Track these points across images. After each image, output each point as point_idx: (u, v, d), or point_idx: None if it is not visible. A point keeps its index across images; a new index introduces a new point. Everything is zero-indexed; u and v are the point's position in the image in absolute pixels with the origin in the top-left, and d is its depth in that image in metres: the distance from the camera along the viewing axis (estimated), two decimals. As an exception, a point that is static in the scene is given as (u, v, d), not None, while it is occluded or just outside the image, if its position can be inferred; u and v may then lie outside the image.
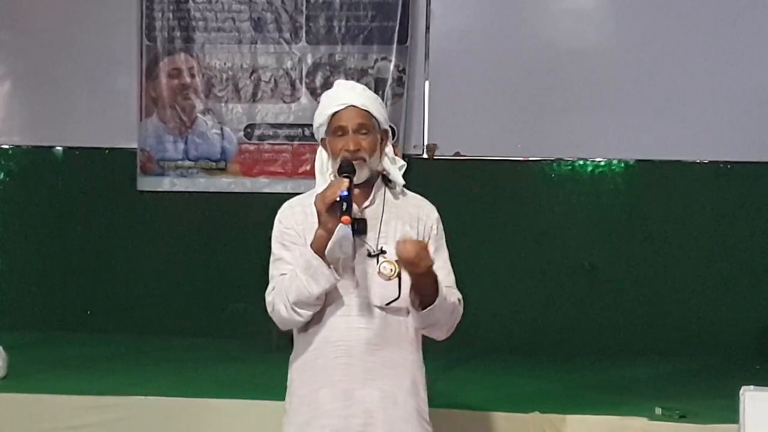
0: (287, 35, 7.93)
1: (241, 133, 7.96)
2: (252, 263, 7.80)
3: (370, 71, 7.80)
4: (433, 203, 3.68)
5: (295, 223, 3.59)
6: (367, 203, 3.57)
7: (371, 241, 3.52)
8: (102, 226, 8.09)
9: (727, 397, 4.35)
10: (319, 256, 3.40)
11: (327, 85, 7.84)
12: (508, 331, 7.59)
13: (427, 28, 7.78)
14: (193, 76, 7.98)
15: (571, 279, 7.65)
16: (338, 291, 3.48)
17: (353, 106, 3.58)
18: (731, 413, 4.12)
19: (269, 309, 3.56)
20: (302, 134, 7.89)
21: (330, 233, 3.39)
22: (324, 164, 3.66)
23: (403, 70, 7.73)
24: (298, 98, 7.93)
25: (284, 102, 7.93)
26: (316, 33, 7.90)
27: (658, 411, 5.21)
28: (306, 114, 7.88)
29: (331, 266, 3.42)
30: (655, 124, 7.56)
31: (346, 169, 3.47)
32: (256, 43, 7.95)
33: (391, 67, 7.77)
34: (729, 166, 7.58)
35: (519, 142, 7.71)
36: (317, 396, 3.51)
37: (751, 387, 3.99)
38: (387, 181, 3.65)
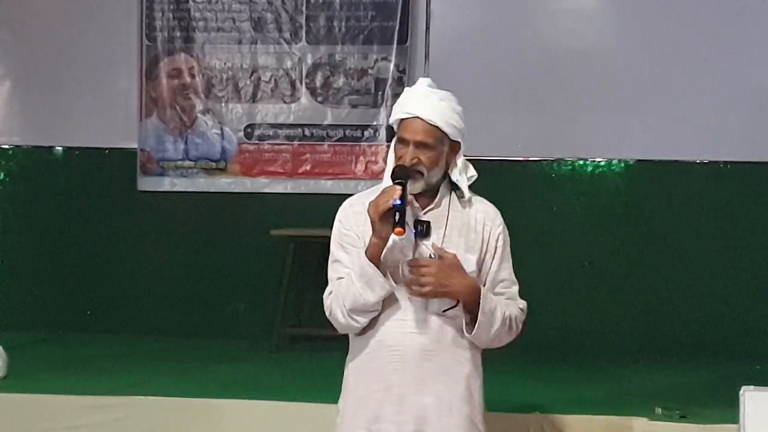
0: (287, 35, 7.93)
1: (241, 133, 7.95)
2: (252, 262, 7.84)
3: (370, 71, 7.81)
4: None
5: (355, 224, 3.52)
6: (431, 206, 3.52)
7: (429, 244, 3.48)
8: (102, 226, 8.09)
9: (727, 397, 4.36)
10: (373, 263, 3.37)
11: (327, 85, 7.86)
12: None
13: (427, 28, 7.78)
14: (193, 76, 7.98)
15: (571, 278, 7.65)
16: (396, 294, 3.44)
17: (419, 118, 3.49)
18: (731, 413, 4.13)
19: (327, 313, 3.53)
20: (302, 134, 7.89)
21: (384, 241, 3.37)
22: (394, 161, 3.56)
23: (403, 70, 7.74)
24: (298, 98, 7.93)
25: (284, 102, 7.93)
26: (316, 33, 7.90)
27: (658, 411, 5.22)
28: (306, 114, 7.89)
29: (387, 273, 3.39)
30: (655, 124, 7.56)
31: (399, 175, 3.40)
32: (256, 43, 7.95)
33: (391, 67, 7.77)
34: (729, 166, 7.57)
35: (519, 142, 7.71)
36: (371, 400, 3.48)
37: (751, 387, 4.00)
38: (455, 186, 3.60)
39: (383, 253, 3.42)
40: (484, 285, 3.54)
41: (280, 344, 7.23)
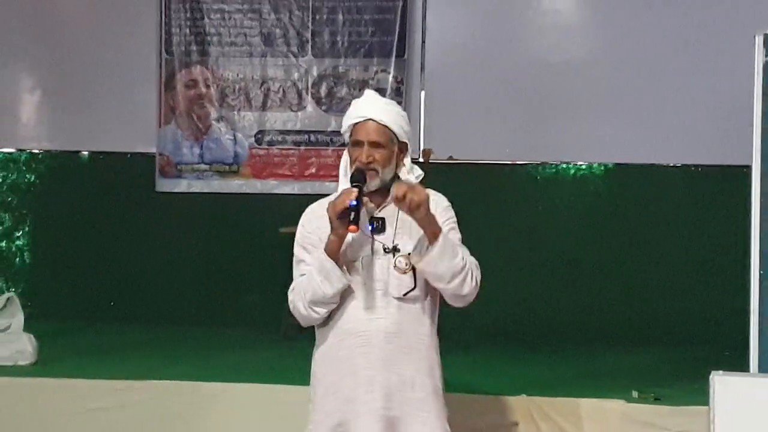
0: (294, 49, 7.93)
1: (252, 138, 7.96)
2: (262, 258, 7.84)
3: (370, 82, 7.81)
4: None
5: (317, 227, 3.55)
6: (385, 203, 3.55)
7: (388, 237, 3.52)
8: (124, 225, 8.09)
9: (698, 381, 4.36)
10: (332, 258, 3.41)
11: (331, 94, 7.86)
12: (498, 321, 7.58)
13: (423, 42, 7.78)
14: (208, 86, 7.98)
15: (555, 272, 7.65)
16: (359, 285, 3.49)
17: (372, 120, 3.54)
18: (702, 396, 4.13)
19: (291, 307, 3.57)
20: (308, 140, 7.90)
21: (341, 238, 3.42)
22: (347, 167, 3.61)
23: (401, 81, 7.74)
24: (305, 107, 7.93)
25: (291, 110, 7.94)
26: (321, 47, 7.90)
27: (635, 394, 5.22)
28: (311, 121, 7.90)
29: (346, 267, 3.43)
30: (633, 130, 7.57)
31: (357, 178, 3.45)
32: (265, 56, 7.95)
33: (390, 78, 7.77)
34: (699, 169, 7.59)
35: (507, 147, 7.71)
36: (342, 384, 3.51)
37: (720, 372, 4.01)
38: None
39: (344, 249, 3.46)
40: None
41: (288, 332, 7.21)
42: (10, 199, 8.21)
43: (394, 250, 3.51)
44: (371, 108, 3.57)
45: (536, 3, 7.82)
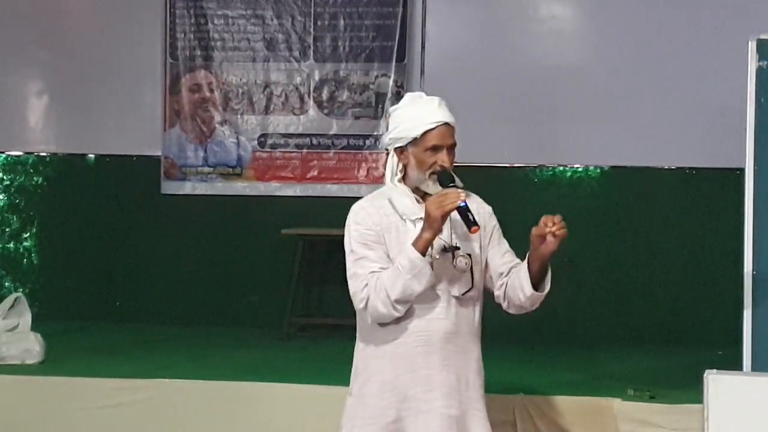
0: (297, 54, 7.92)
1: (255, 142, 7.95)
2: (264, 259, 7.84)
3: (371, 86, 7.81)
4: None
5: (373, 224, 3.48)
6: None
7: (445, 236, 3.49)
8: (130, 226, 8.09)
9: (692, 379, 4.36)
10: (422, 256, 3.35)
11: (332, 98, 7.85)
12: (497, 321, 7.54)
13: (423, 47, 7.77)
14: (212, 90, 7.98)
15: (553, 273, 7.62)
16: None
17: (447, 124, 3.51)
18: (696, 394, 4.13)
19: (361, 305, 3.44)
20: (310, 143, 7.89)
21: (435, 236, 3.37)
22: (394, 170, 3.57)
23: (402, 85, 7.73)
24: (307, 111, 7.93)
25: (294, 114, 7.93)
26: (322, 52, 7.90)
27: (631, 392, 5.22)
28: (313, 125, 7.89)
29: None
30: (628, 133, 7.56)
31: (446, 180, 3.45)
32: (268, 61, 7.95)
33: (390, 82, 7.77)
34: (693, 172, 7.58)
35: (505, 150, 7.71)
36: (399, 382, 3.46)
37: (714, 371, 4.00)
38: None
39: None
40: (485, 262, 3.62)
41: (290, 332, 7.23)
42: (18, 201, 8.21)
43: (455, 248, 3.48)
44: (442, 112, 3.54)
45: (534, 10, 7.81)
